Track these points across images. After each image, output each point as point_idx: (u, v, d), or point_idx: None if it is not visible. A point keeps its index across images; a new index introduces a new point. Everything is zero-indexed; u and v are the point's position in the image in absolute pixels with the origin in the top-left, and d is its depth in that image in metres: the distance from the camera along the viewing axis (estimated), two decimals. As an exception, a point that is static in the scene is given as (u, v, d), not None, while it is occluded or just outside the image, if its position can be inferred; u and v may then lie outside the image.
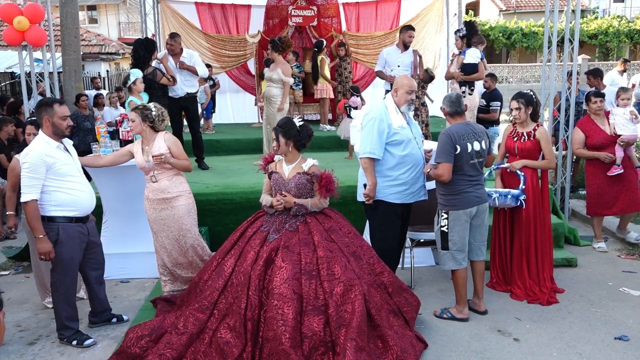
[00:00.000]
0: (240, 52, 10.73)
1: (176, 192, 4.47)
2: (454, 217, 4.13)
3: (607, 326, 4.16)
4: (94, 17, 28.84)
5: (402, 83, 4.32)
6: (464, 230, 4.15)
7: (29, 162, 3.74)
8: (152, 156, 4.36)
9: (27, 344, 4.08)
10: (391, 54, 7.47)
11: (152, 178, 4.45)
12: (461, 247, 4.17)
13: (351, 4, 10.75)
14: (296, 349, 3.32)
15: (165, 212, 4.46)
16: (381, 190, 4.28)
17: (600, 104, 5.70)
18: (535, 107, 4.66)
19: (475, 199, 4.16)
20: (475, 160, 4.13)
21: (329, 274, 3.55)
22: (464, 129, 4.12)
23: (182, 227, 4.48)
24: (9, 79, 13.77)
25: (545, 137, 4.64)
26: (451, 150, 4.03)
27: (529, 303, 4.55)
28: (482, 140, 4.16)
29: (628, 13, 28.02)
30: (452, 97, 4.24)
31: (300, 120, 3.98)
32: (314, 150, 5.03)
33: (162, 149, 4.39)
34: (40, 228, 3.77)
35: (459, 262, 4.18)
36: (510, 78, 22.60)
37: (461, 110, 4.22)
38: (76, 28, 9.65)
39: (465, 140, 4.07)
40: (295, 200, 3.85)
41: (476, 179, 4.18)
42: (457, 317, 4.25)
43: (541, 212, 4.69)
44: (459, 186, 4.11)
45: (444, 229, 4.17)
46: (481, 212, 4.23)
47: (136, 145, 4.55)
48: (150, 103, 4.62)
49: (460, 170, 4.09)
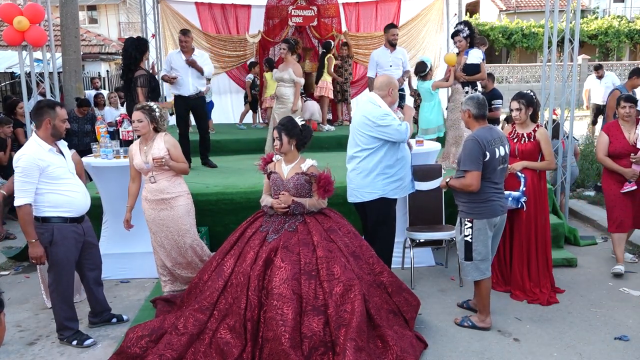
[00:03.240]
0: (240, 52, 10.73)
1: (175, 192, 4.45)
2: (479, 226, 3.94)
3: (607, 326, 4.16)
4: (94, 17, 28.84)
5: (394, 83, 4.47)
6: (488, 239, 3.99)
7: (22, 167, 3.71)
8: (152, 158, 4.34)
9: (27, 344, 4.08)
10: (381, 55, 7.56)
11: (151, 179, 4.43)
12: (485, 257, 4.01)
13: (351, 4, 10.75)
14: (296, 349, 3.32)
15: (164, 212, 4.44)
16: (382, 187, 4.34)
17: (629, 109, 5.10)
18: (535, 108, 4.64)
19: (500, 209, 4.02)
20: (501, 166, 3.99)
21: (328, 274, 3.55)
22: (490, 134, 3.93)
23: (182, 227, 4.46)
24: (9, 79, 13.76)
25: (545, 138, 4.63)
26: (480, 158, 3.84)
27: (529, 303, 4.55)
28: (505, 145, 4.03)
29: (628, 13, 28.01)
30: (479, 99, 4.01)
31: (302, 121, 4.00)
32: (314, 150, 5.02)
33: (162, 150, 4.36)
34: (32, 233, 3.76)
35: (483, 272, 4.01)
36: (510, 78, 22.60)
37: (486, 114, 4.04)
38: (76, 28, 9.64)
39: (493, 145, 3.90)
40: (293, 198, 3.86)
41: (500, 187, 4.05)
42: (479, 327, 4.12)
43: (541, 213, 4.67)
44: (485, 194, 3.92)
45: (468, 238, 3.97)
46: (502, 220, 4.10)
47: (134, 145, 4.51)
48: (152, 102, 4.60)
49: (487, 177, 3.91)
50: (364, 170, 4.36)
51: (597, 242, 6.10)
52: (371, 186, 4.36)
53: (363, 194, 4.42)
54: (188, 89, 6.65)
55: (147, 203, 4.48)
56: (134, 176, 4.53)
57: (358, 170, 4.40)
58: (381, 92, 4.39)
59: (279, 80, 6.97)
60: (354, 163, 4.44)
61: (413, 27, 10.92)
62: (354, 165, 4.45)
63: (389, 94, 4.38)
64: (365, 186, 4.38)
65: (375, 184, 4.35)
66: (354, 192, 4.49)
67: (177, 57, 6.73)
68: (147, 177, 4.45)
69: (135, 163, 4.43)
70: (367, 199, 4.40)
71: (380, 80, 4.50)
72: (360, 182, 4.41)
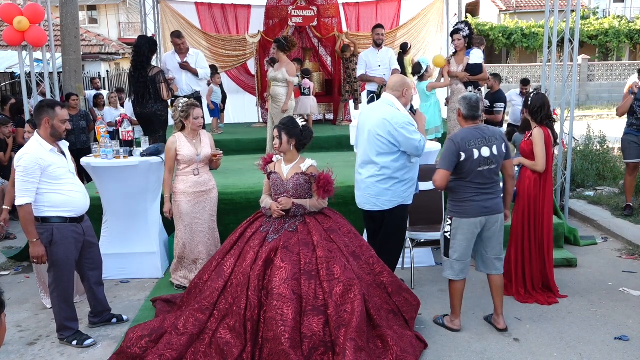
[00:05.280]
0: (240, 52, 10.73)
1: (212, 184, 4.86)
2: (457, 224, 3.95)
3: (607, 326, 4.15)
4: (94, 17, 28.83)
5: (408, 83, 4.29)
6: (466, 240, 3.96)
7: (24, 166, 3.71)
8: (212, 154, 4.77)
9: (27, 344, 4.08)
10: (369, 56, 7.64)
11: (195, 172, 4.69)
12: (461, 258, 3.98)
13: (351, 4, 10.76)
14: (296, 349, 3.32)
15: (201, 203, 4.74)
16: (401, 194, 4.22)
17: None
18: (532, 110, 4.55)
19: (483, 209, 3.91)
20: (485, 167, 3.88)
21: (328, 274, 3.55)
22: (472, 134, 3.89)
23: (214, 215, 4.87)
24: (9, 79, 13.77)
25: (536, 139, 4.53)
26: (452, 158, 3.85)
27: (529, 303, 4.55)
28: (493, 146, 3.89)
29: (628, 13, 28.01)
30: (472, 100, 3.97)
31: (303, 121, 4.00)
32: (314, 150, 5.03)
33: (209, 146, 4.79)
34: (33, 232, 3.76)
35: (456, 273, 4.01)
36: (510, 78, 22.61)
37: (478, 115, 3.98)
38: (76, 28, 9.65)
39: (471, 146, 3.85)
40: (293, 201, 3.85)
41: (486, 188, 3.93)
42: (447, 327, 4.13)
43: (541, 214, 4.61)
44: (464, 194, 3.92)
45: (447, 235, 4.02)
46: (492, 224, 3.97)
47: (178, 139, 4.67)
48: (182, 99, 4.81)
49: (466, 178, 3.89)
50: (386, 177, 4.16)
51: (597, 242, 6.10)
52: (391, 193, 4.18)
53: (384, 202, 4.20)
54: (182, 88, 6.70)
55: (185, 196, 4.68)
56: (171, 168, 4.72)
57: (378, 177, 4.17)
58: (396, 92, 4.21)
59: (273, 80, 6.97)
60: (373, 170, 4.19)
61: (413, 27, 10.93)
62: (372, 171, 4.20)
63: (403, 94, 4.20)
64: (385, 193, 4.18)
65: (395, 191, 4.18)
66: (371, 200, 4.25)
67: (172, 59, 6.78)
68: (191, 170, 4.68)
69: (185, 154, 4.63)
70: (388, 207, 4.21)
71: (394, 81, 4.31)
72: (380, 190, 4.18)
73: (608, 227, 6.40)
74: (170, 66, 6.73)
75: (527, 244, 4.63)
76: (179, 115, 4.66)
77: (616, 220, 6.55)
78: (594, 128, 9.72)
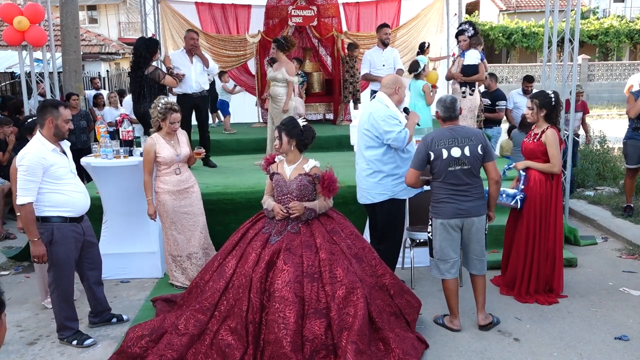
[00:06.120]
0: (240, 52, 10.72)
1: (192, 180, 4.95)
2: (435, 225, 4.03)
3: (607, 326, 4.16)
4: (94, 17, 28.82)
5: (401, 81, 4.44)
6: (444, 240, 4.00)
7: (26, 165, 3.71)
8: (195, 152, 4.95)
9: (27, 344, 4.08)
10: (373, 55, 7.69)
11: (177, 171, 4.79)
12: (442, 257, 4.03)
13: (351, 4, 10.75)
14: (297, 353, 3.32)
15: (186, 200, 4.84)
16: (392, 188, 4.34)
17: None
18: (549, 110, 4.48)
19: (457, 211, 3.93)
20: (456, 167, 3.89)
21: (331, 277, 3.54)
22: (443, 134, 3.94)
23: (200, 209, 4.97)
24: (9, 79, 13.77)
25: (551, 140, 4.45)
26: (421, 157, 3.96)
27: (529, 303, 4.55)
28: (465, 146, 3.88)
29: (628, 13, 28.01)
30: (447, 101, 4.03)
31: (304, 121, 3.97)
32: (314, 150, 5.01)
33: (186, 145, 4.88)
34: (34, 231, 3.76)
35: (442, 273, 4.07)
36: (510, 78, 22.60)
37: (455, 116, 4.02)
38: (76, 28, 9.66)
39: (440, 146, 3.89)
40: (305, 205, 3.81)
41: (460, 190, 3.92)
42: (447, 326, 4.16)
43: (548, 216, 4.54)
44: (438, 194, 4.00)
45: (429, 235, 4.13)
46: (469, 225, 3.98)
47: (156, 141, 4.68)
48: (162, 98, 4.79)
49: (439, 178, 3.96)
50: (374, 171, 4.35)
51: (597, 242, 6.10)
52: (381, 187, 4.34)
53: (374, 195, 4.39)
54: (191, 86, 6.69)
55: (168, 195, 4.76)
56: (151, 170, 4.74)
57: (368, 171, 4.38)
58: (388, 90, 4.35)
59: (273, 80, 6.95)
60: (363, 164, 4.42)
61: (413, 27, 10.92)
62: (363, 166, 4.43)
63: (396, 92, 4.34)
64: (375, 187, 4.36)
65: (385, 185, 4.34)
66: (364, 194, 4.46)
67: (181, 56, 6.76)
68: (172, 170, 4.76)
69: (165, 155, 4.69)
70: (378, 200, 4.38)
71: (387, 79, 4.47)
72: (370, 183, 4.38)
73: (608, 227, 6.41)
74: (179, 63, 6.70)
75: (537, 246, 4.57)
76: (157, 114, 4.69)
77: (616, 220, 6.55)
78: (594, 128, 9.72)
